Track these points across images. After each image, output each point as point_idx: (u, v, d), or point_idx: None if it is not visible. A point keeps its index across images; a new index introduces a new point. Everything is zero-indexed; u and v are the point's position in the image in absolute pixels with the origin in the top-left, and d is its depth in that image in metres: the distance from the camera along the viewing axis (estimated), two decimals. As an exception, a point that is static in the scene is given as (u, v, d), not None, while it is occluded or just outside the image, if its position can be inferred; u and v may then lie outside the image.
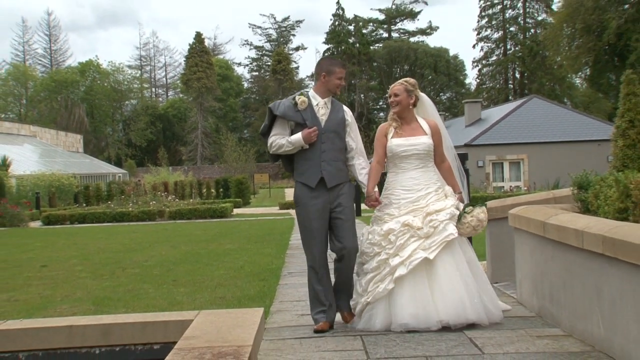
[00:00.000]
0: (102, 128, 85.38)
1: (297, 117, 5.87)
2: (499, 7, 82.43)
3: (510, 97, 75.53)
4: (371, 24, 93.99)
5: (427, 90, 73.45)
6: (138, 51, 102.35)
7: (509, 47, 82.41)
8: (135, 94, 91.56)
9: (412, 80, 6.18)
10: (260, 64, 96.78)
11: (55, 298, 8.35)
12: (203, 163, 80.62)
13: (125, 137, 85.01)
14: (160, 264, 11.35)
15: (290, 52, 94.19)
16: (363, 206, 13.36)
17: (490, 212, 6.60)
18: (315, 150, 5.86)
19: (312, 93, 6.03)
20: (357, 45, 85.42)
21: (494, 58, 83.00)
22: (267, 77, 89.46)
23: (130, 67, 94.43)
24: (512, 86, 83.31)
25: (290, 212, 27.06)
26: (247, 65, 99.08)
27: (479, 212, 5.84)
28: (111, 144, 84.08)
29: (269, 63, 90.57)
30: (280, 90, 77.35)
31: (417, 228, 5.67)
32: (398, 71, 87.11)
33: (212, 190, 36.95)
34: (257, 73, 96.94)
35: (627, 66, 40.34)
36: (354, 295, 5.98)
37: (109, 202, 29.31)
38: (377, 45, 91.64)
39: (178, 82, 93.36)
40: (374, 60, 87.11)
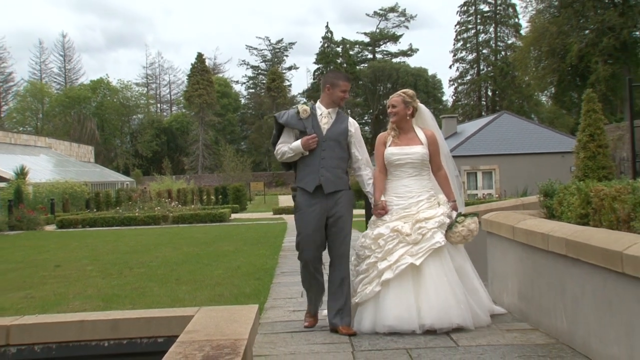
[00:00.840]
0: (112, 140, 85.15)
1: (299, 124, 5.69)
2: (473, 31, 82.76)
3: (483, 113, 75.67)
4: (357, 46, 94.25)
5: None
6: (145, 70, 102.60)
7: (482, 67, 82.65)
8: (142, 109, 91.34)
9: (410, 92, 5.96)
10: (256, 82, 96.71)
11: (68, 295, 8.32)
12: (203, 172, 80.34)
13: (133, 149, 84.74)
14: (164, 264, 11.32)
15: (284, 71, 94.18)
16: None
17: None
18: (315, 157, 5.65)
19: (317, 104, 5.84)
20: (345, 65, 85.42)
21: (469, 77, 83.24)
22: (263, 94, 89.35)
23: (137, 84, 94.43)
24: (484, 103, 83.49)
25: (284, 217, 27.05)
26: (244, 83, 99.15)
27: (469, 223, 5.59)
28: (120, 155, 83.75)
29: (264, 81, 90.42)
30: (274, 106, 77.27)
31: (406, 234, 5.48)
32: (382, 89, 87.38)
33: (212, 197, 36.83)
34: (253, 90, 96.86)
35: (587, 86, 40.53)
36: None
37: (118, 208, 29.25)
38: (363, 65, 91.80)
39: (181, 98, 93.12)
40: (359, 79, 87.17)
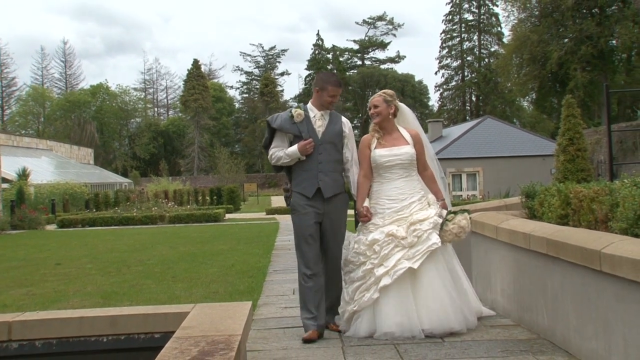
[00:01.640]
0: (111, 143, 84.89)
1: (294, 129, 5.38)
2: (458, 39, 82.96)
3: (467, 118, 75.85)
4: (347, 53, 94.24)
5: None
6: (142, 75, 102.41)
7: (466, 74, 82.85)
8: (140, 113, 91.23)
9: (390, 91, 5.63)
10: (250, 87, 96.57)
11: (68, 292, 8.27)
12: (199, 174, 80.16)
13: (131, 151, 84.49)
14: (161, 262, 11.27)
15: (276, 77, 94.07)
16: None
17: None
18: (312, 162, 5.34)
19: (309, 105, 5.53)
20: (335, 71, 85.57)
21: (454, 83, 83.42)
22: (256, 98, 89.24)
23: (135, 89, 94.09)
24: (469, 108, 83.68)
25: (276, 217, 27.02)
26: (238, 88, 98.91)
27: (460, 219, 5.31)
28: (118, 157, 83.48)
29: (258, 86, 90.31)
30: (267, 111, 77.04)
31: (401, 238, 5.15)
32: (371, 94, 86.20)
33: (207, 198, 36.75)
34: (247, 95, 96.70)
35: (567, 92, 40.68)
36: (341, 303, 5.42)
37: (116, 208, 29.14)
38: (352, 71, 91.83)
39: (177, 102, 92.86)
40: (349, 85, 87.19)
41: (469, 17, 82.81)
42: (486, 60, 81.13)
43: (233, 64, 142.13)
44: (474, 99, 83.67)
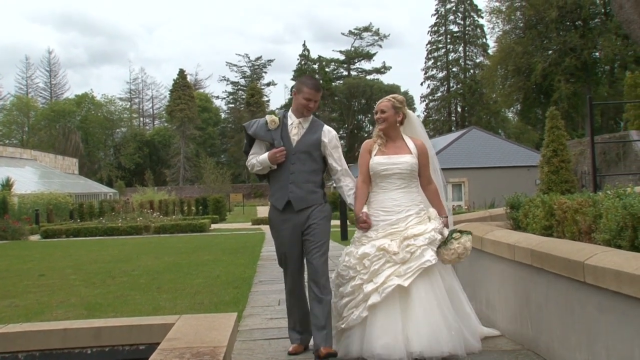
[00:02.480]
0: (96, 153, 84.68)
1: (267, 136, 5.07)
2: (443, 50, 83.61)
3: (453, 128, 76.34)
4: (333, 64, 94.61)
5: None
6: (128, 85, 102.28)
7: (451, 85, 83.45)
8: (125, 123, 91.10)
9: (400, 97, 5.22)
10: (236, 97, 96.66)
11: (51, 304, 8.20)
12: (185, 184, 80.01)
13: (116, 161, 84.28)
14: (146, 273, 11.21)
15: (262, 87, 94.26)
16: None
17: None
18: (284, 172, 5.01)
19: (289, 112, 5.17)
20: (321, 82, 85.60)
21: (439, 94, 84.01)
22: (242, 108, 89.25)
23: (121, 99, 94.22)
24: (454, 119, 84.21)
25: (262, 227, 26.96)
26: (224, 98, 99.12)
27: (466, 240, 4.95)
28: (103, 167, 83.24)
29: (244, 96, 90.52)
30: (253, 121, 77.28)
31: (393, 253, 4.74)
32: (356, 104, 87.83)
33: (193, 208, 36.69)
34: (233, 105, 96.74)
35: (551, 103, 41.12)
36: (332, 320, 4.95)
37: (101, 218, 29.02)
38: (338, 82, 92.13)
39: (163, 112, 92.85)
40: (335, 95, 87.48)
41: (454, 28, 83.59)
42: (471, 71, 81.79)
43: (219, 74, 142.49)
44: (459, 109, 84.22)
